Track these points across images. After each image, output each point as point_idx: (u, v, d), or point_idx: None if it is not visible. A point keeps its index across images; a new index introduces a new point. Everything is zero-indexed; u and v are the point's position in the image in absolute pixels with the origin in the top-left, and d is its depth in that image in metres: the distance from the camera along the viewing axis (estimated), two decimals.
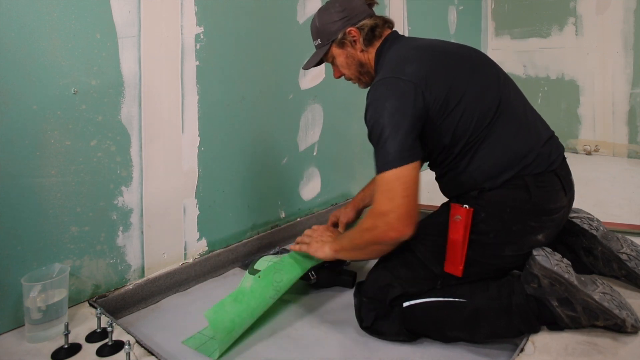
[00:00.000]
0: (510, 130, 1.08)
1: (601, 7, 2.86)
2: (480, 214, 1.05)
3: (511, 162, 1.05)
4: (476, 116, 1.07)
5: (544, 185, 1.06)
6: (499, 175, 1.05)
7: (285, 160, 1.81)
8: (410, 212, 0.99)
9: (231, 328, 1.08)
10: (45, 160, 1.14)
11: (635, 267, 1.15)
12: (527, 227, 1.05)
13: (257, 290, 1.16)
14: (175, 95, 1.41)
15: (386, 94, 1.05)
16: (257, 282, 1.17)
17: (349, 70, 1.27)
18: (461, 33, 2.98)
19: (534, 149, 1.07)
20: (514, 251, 1.06)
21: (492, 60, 1.23)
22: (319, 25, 1.25)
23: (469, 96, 1.08)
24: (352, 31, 1.20)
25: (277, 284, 1.19)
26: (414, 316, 1.08)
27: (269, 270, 1.21)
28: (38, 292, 1.05)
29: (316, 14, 1.27)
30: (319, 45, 1.27)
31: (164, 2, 1.35)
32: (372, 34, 1.21)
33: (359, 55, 1.23)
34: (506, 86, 1.15)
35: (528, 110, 1.17)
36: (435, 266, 1.08)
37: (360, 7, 1.22)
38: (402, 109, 1.02)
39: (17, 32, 1.07)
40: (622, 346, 0.95)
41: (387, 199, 0.99)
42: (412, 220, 1.00)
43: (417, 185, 1.01)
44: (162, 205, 1.39)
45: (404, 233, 1.00)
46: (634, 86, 2.78)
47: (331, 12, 1.23)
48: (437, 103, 1.05)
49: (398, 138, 1.00)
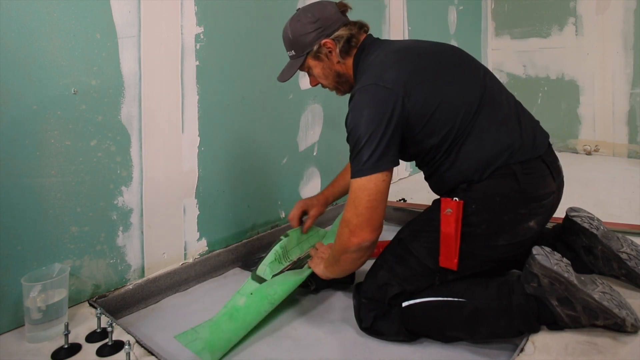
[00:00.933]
0: (493, 122, 1.10)
1: (601, 7, 2.86)
2: (471, 206, 1.06)
3: (496, 153, 1.07)
4: (458, 112, 1.08)
5: (531, 171, 1.07)
6: (486, 167, 1.07)
7: (285, 160, 1.81)
8: (371, 219, 1.04)
9: (226, 347, 1.08)
10: (45, 160, 1.14)
11: (635, 267, 1.15)
12: (518, 215, 1.06)
13: (251, 305, 1.16)
14: (175, 95, 1.41)
15: (365, 101, 1.06)
16: (250, 299, 1.18)
17: (327, 81, 1.25)
18: (461, 33, 2.98)
19: (518, 138, 1.08)
20: (507, 240, 1.07)
21: (471, 55, 1.23)
22: (291, 36, 1.20)
23: (449, 94, 1.09)
24: (327, 43, 1.17)
25: (271, 297, 1.18)
26: (413, 316, 1.08)
27: (262, 287, 1.21)
28: (38, 292, 1.05)
29: (288, 24, 1.22)
30: (294, 56, 1.22)
31: (164, 2, 1.36)
32: (349, 44, 1.18)
33: (335, 66, 1.21)
34: (486, 80, 1.16)
35: (510, 101, 1.17)
36: (431, 261, 1.09)
37: (333, 16, 1.18)
38: (379, 117, 1.03)
39: (17, 32, 1.07)
40: (622, 346, 0.95)
41: (353, 207, 1.05)
42: (373, 227, 1.04)
43: (383, 194, 1.04)
44: (162, 205, 1.39)
45: (365, 238, 1.04)
46: (634, 86, 2.78)
47: (304, 22, 1.18)
48: (417, 106, 1.06)
49: (372, 147, 1.02)
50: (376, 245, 1.10)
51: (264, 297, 1.18)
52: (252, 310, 1.15)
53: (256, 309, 1.16)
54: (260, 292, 1.19)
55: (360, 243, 1.05)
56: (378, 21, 2.28)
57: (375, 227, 1.05)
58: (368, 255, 1.10)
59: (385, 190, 1.04)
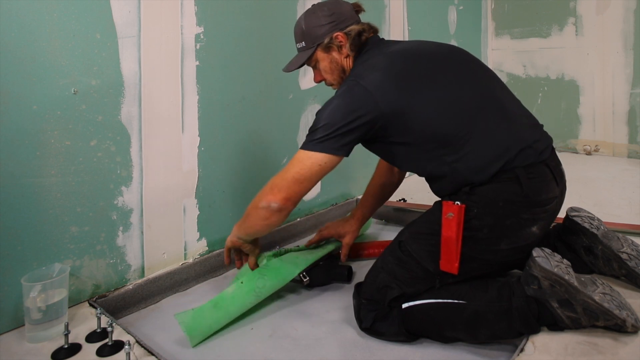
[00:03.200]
0: (493, 123, 1.09)
1: (601, 7, 2.86)
2: (473, 210, 1.05)
3: (497, 154, 1.06)
4: (457, 114, 1.08)
5: (535, 176, 1.06)
6: (486, 168, 1.06)
7: (285, 160, 1.81)
8: (291, 189, 1.10)
9: (207, 333, 1.13)
10: (45, 160, 1.14)
11: (636, 267, 1.15)
12: (521, 220, 1.05)
13: (238, 296, 1.20)
14: (175, 95, 1.41)
15: (339, 93, 1.11)
16: (239, 288, 1.21)
17: (331, 76, 1.27)
18: (461, 33, 2.98)
19: (519, 140, 1.08)
20: (509, 245, 1.06)
21: (473, 56, 1.23)
22: (305, 28, 1.24)
23: (446, 96, 1.09)
24: (339, 36, 1.21)
25: (259, 290, 1.22)
26: (413, 318, 1.08)
27: (253, 275, 1.25)
28: (38, 292, 1.05)
29: (303, 16, 1.26)
30: (303, 48, 1.26)
31: (164, 2, 1.35)
32: (359, 39, 1.22)
33: (342, 61, 1.24)
34: (487, 81, 1.17)
35: (512, 103, 1.17)
36: (431, 265, 1.08)
37: (348, 13, 1.23)
38: (346, 110, 1.07)
39: (17, 32, 1.07)
40: (622, 346, 0.95)
41: (284, 170, 1.11)
42: (289, 196, 1.10)
43: (315, 175, 1.09)
44: (162, 205, 1.39)
45: (275, 200, 1.10)
46: (634, 86, 2.78)
47: (319, 15, 1.22)
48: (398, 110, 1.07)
49: (327, 131, 1.07)
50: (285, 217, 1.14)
51: (252, 290, 1.22)
52: (237, 302, 1.19)
53: (241, 300, 1.20)
54: (250, 283, 1.23)
55: (270, 202, 1.10)
56: (378, 21, 2.28)
57: (290, 196, 1.10)
58: (275, 221, 1.14)
59: (318, 172, 1.09)
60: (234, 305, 1.19)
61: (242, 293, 1.21)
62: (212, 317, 1.14)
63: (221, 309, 1.16)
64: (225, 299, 1.18)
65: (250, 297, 1.21)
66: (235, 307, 1.19)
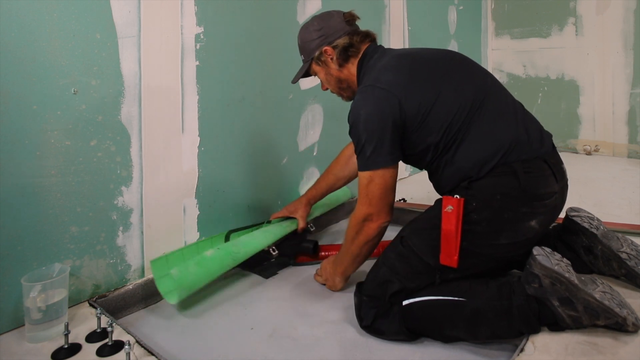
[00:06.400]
0: (491, 119, 1.13)
1: (601, 7, 2.86)
2: (472, 203, 1.07)
3: (494, 149, 1.09)
4: (455, 112, 1.12)
5: (532, 170, 1.08)
6: (484, 163, 1.09)
7: (285, 160, 1.81)
8: (385, 205, 1.16)
9: (191, 289, 1.26)
10: (45, 160, 1.14)
11: (635, 266, 1.15)
12: (519, 213, 1.06)
13: (216, 257, 1.33)
14: (175, 96, 1.41)
15: (362, 102, 1.14)
16: (217, 252, 1.35)
17: (330, 86, 1.35)
18: (461, 33, 2.98)
19: (517, 135, 1.11)
20: (508, 239, 1.07)
21: (472, 60, 1.27)
22: (300, 43, 1.32)
23: (446, 95, 1.13)
24: (327, 50, 1.26)
25: (234, 254, 1.36)
26: (413, 315, 1.09)
27: (228, 245, 1.40)
28: (38, 292, 1.05)
29: (299, 31, 1.32)
30: (304, 60, 1.34)
31: (164, 2, 1.36)
32: (346, 53, 1.26)
33: (336, 73, 1.29)
34: (486, 81, 1.20)
35: (510, 101, 1.20)
36: (432, 259, 1.09)
37: (337, 26, 1.26)
38: (376, 117, 1.11)
39: (17, 32, 1.07)
40: (622, 346, 0.95)
41: (366, 200, 1.15)
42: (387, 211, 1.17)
43: (392, 185, 1.15)
44: (162, 205, 1.39)
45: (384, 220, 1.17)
46: (634, 86, 2.78)
47: (310, 30, 1.28)
48: (414, 108, 1.11)
49: (372, 144, 1.11)
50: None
51: (229, 253, 1.35)
52: (216, 262, 1.32)
53: (220, 261, 1.33)
54: (226, 248, 1.37)
55: (381, 225, 1.17)
56: (378, 21, 2.28)
57: (389, 210, 1.17)
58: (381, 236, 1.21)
59: (392, 182, 1.15)
60: (214, 265, 1.30)
61: (221, 255, 1.34)
62: (196, 273, 1.25)
63: (203, 267, 1.28)
64: (206, 259, 1.30)
65: (228, 259, 1.34)
66: (215, 267, 1.31)
